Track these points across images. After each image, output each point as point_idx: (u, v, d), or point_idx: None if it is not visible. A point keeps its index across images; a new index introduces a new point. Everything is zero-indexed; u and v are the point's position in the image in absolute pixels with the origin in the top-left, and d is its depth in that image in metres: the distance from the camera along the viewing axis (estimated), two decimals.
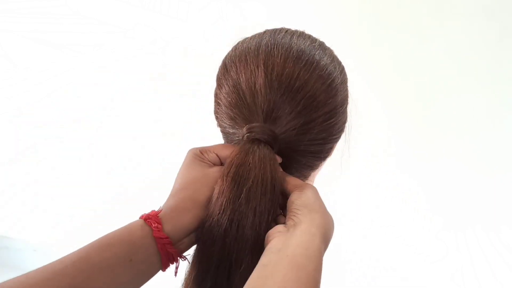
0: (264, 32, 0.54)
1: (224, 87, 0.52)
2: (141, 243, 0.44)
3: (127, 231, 0.45)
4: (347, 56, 0.58)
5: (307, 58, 0.49)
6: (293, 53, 0.49)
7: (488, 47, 1.36)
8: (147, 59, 1.59)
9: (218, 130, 0.56)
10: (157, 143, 1.59)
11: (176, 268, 0.48)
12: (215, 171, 0.49)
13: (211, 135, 0.60)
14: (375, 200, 1.48)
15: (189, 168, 0.50)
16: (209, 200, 0.47)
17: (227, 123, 0.52)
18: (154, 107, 1.59)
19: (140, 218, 0.47)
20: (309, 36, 0.54)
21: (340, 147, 0.55)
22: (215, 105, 0.55)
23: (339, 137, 0.54)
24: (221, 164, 0.52)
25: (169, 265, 0.47)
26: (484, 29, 1.35)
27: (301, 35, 0.53)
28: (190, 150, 0.52)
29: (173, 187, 0.50)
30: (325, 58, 0.51)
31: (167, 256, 0.46)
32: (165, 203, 0.48)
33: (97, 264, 0.42)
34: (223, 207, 0.46)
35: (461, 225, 1.42)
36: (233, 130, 0.52)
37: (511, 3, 1.32)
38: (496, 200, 1.41)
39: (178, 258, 0.47)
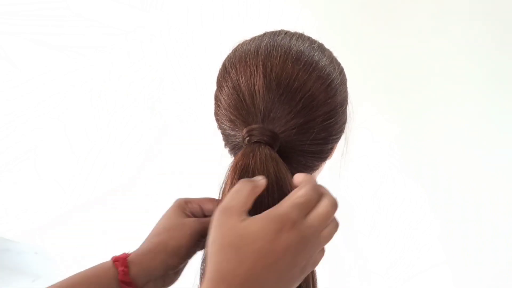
0: (264, 34, 0.55)
1: (224, 89, 0.52)
2: (108, 285, 0.46)
3: (96, 272, 0.47)
4: (346, 57, 0.58)
5: (306, 59, 0.50)
6: (292, 54, 0.50)
7: (489, 50, 1.36)
8: (148, 60, 1.59)
9: (219, 132, 0.56)
10: (160, 145, 1.59)
11: None
12: (192, 221, 0.50)
13: (212, 136, 0.60)
14: (375, 202, 1.48)
15: (168, 216, 0.52)
16: (181, 248, 0.48)
17: (227, 125, 0.52)
18: (158, 108, 1.59)
19: (112, 259, 0.48)
20: (308, 38, 0.54)
21: (339, 148, 0.56)
22: (215, 107, 0.55)
23: (339, 138, 0.54)
24: (204, 216, 0.53)
25: None
26: (484, 32, 1.35)
27: (301, 36, 0.54)
28: (176, 200, 0.54)
29: (150, 232, 0.51)
30: (324, 59, 0.51)
31: None
32: (139, 246, 0.50)
33: None
34: None
35: (462, 229, 1.42)
36: (233, 132, 0.52)
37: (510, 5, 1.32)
38: (496, 200, 1.41)
39: None
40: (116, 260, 0.48)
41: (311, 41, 0.54)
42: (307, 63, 0.50)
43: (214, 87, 0.56)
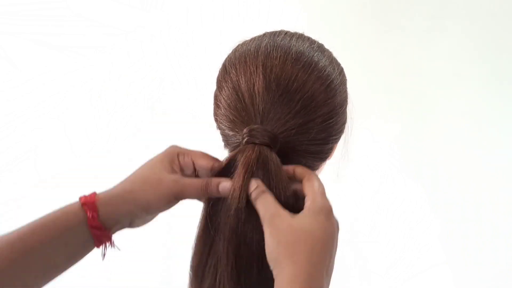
0: (264, 34, 0.55)
1: (224, 89, 0.52)
2: (76, 229, 0.46)
3: (63, 215, 0.47)
4: (346, 57, 0.58)
5: (305, 59, 0.50)
6: (291, 54, 0.50)
7: (489, 50, 1.36)
8: (148, 60, 1.59)
9: (218, 133, 0.56)
10: (160, 145, 1.58)
11: (104, 252, 0.50)
12: (171, 181, 0.49)
13: (213, 136, 0.60)
14: (375, 204, 1.48)
15: (152, 165, 0.51)
16: (150, 204, 0.48)
17: (227, 125, 0.52)
18: (157, 108, 1.59)
19: (80, 199, 0.48)
20: (308, 38, 0.54)
21: (339, 149, 0.56)
22: (214, 108, 0.55)
23: (339, 138, 0.54)
24: (194, 170, 0.51)
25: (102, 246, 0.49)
26: (484, 32, 1.35)
27: (300, 37, 0.54)
28: (170, 147, 0.53)
29: (129, 175, 0.51)
30: (323, 60, 0.51)
31: (100, 241, 0.48)
32: (112, 187, 0.50)
33: (33, 246, 0.45)
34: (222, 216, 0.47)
35: (462, 229, 1.42)
36: (233, 133, 0.52)
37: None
38: (496, 200, 1.41)
39: (112, 243, 0.49)
40: (84, 203, 0.47)
41: (311, 42, 0.53)
42: (306, 63, 0.50)
43: (214, 87, 0.56)
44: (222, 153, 0.54)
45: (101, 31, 1.60)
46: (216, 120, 0.55)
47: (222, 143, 0.56)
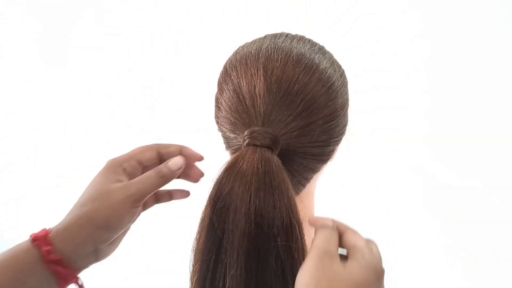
0: (265, 36, 0.55)
1: (225, 91, 0.52)
2: (31, 268, 0.41)
3: (11, 256, 0.42)
4: (346, 58, 0.58)
5: (306, 61, 0.50)
6: (292, 57, 0.50)
7: (489, 50, 1.36)
8: (148, 60, 1.59)
9: (218, 134, 0.56)
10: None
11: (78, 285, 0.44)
12: (119, 188, 0.46)
13: (213, 136, 0.60)
14: (375, 202, 1.48)
15: (95, 182, 0.48)
16: (108, 220, 0.44)
17: (228, 127, 0.52)
18: (157, 108, 1.59)
19: (30, 237, 0.43)
20: (309, 40, 0.54)
21: (341, 149, 0.56)
22: (215, 110, 0.55)
23: (340, 140, 0.54)
24: (144, 170, 0.49)
25: (68, 285, 0.44)
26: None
27: (301, 39, 0.54)
28: (107, 162, 0.50)
29: (75, 203, 0.47)
30: (324, 62, 0.51)
31: (63, 279, 0.42)
32: (62, 219, 0.45)
33: None
34: (220, 220, 0.46)
35: (462, 229, 1.42)
36: (234, 135, 0.52)
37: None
38: (496, 200, 1.41)
39: (77, 280, 0.44)
40: (35, 239, 0.42)
41: (312, 44, 0.54)
42: (307, 65, 0.50)
43: (214, 87, 0.56)
44: (223, 155, 0.55)
45: (101, 31, 1.60)
46: (217, 122, 0.55)
47: (223, 145, 0.56)
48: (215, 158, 0.53)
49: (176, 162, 0.48)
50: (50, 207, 1.69)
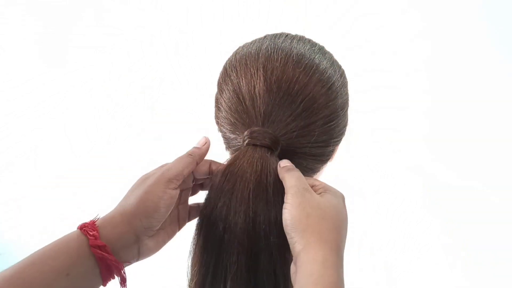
0: (265, 37, 0.55)
1: (225, 92, 0.52)
2: (78, 255, 0.42)
3: (63, 242, 0.43)
4: (346, 59, 0.58)
5: (306, 62, 0.50)
6: (292, 57, 0.50)
7: (488, 50, 1.36)
8: (148, 60, 1.59)
9: (219, 134, 0.56)
10: (160, 145, 1.59)
11: (123, 282, 0.45)
12: (154, 173, 0.47)
13: (213, 136, 0.60)
14: (375, 202, 1.48)
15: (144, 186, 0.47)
16: (143, 204, 0.44)
17: (228, 128, 0.52)
18: (158, 108, 1.59)
19: (78, 227, 0.44)
20: (309, 41, 0.54)
21: (340, 149, 0.56)
22: (215, 110, 0.55)
23: (340, 140, 0.54)
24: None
25: (110, 279, 0.44)
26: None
27: (301, 39, 0.53)
28: (157, 177, 0.47)
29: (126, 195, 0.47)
30: (324, 62, 0.51)
31: (107, 267, 0.43)
32: (108, 212, 0.46)
33: (32, 280, 0.39)
34: (218, 219, 0.46)
35: (462, 229, 1.42)
36: (234, 136, 0.52)
37: None
38: (496, 200, 1.41)
39: (120, 270, 0.44)
40: (83, 227, 0.43)
41: (312, 44, 0.53)
42: (307, 66, 0.49)
43: (214, 87, 0.56)
44: (223, 155, 0.54)
45: (101, 31, 1.60)
46: (217, 123, 0.55)
47: (224, 145, 0.56)
48: (215, 158, 0.53)
49: (200, 140, 0.50)
50: (50, 207, 1.69)
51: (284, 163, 0.48)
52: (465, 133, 1.42)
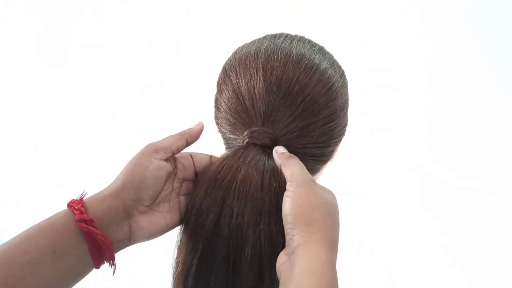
0: (264, 37, 0.55)
1: (224, 92, 0.52)
2: (64, 231, 0.40)
3: (49, 220, 0.41)
4: (346, 59, 0.58)
5: (306, 62, 0.50)
6: (292, 57, 0.49)
7: (488, 51, 1.36)
8: (148, 60, 1.59)
9: (219, 134, 0.56)
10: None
11: (112, 264, 0.43)
12: (162, 163, 0.46)
13: (213, 136, 0.60)
14: (375, 202, 1.48)
15: (133, 161, 0.47)
16: (130, 175, 0.44)
17: (228, 128, 0.52)
18: (158, 108, 1.59)
19: (67, 204, 0.43)
20: (309, 41, 0.54)
21: (340, 150, 0.55)
22: (215, 111, 0.55)
23: (339, 141, 0.54)
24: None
25: (102, 261, 0.42)
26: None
27: (301, 39, 0.53)
28: (144, 148, 0.48)
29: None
30: (324, 62, 0.51)
31: (95, 244, 0.41)
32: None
33: (17, 258, 0.38)
34: (208, 208, 0.46)
35: (462, 229, 1.42)
36: (234, 136, 0.52)
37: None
38: (496, 200, 1.41)
39: (109, 247, 0.42)
40: (71, 203, 0.42)
41: (312, 44, 0.53)
42: (307, 66, 0.49)
43: (214, 87, 0.56)
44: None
45: (101, 31, 1.60)
46: (217, 123, 0.55)
47: (223, 146, 0.55)
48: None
49: (194, 122, 0.50)
50: (50, 207, 1.69)
51: (281, 149, 0.47)
52: (465, 133, 1.42)
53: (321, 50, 0.53)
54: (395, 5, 1.40)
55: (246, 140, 0.48)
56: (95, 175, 1.65)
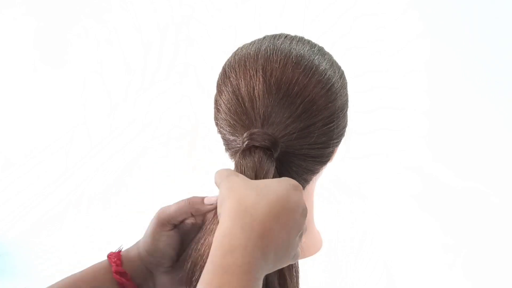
0: (264, 38, 0.54)
1: (224, 93, 0.52)
2: (104, 279, 0.48)
3: (92, 270, 0.49)
4: (346, 60, 0.58)
5: (306, 63, 0.50)
6: (292, 58, 0.49)
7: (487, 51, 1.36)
8: (149, 59, 1.59)
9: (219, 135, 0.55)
10: (160, 145, 1.58)
11: None
12: (170, 234, 0.50)
13: (213, 136, 0.60)
14: (375, 202, 1.48)
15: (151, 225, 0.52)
16: (146, 244, 0.50)
17: (227, 130, 0.52)
18: (158, 108, 1.59)
19: (107, 256, 0.50)
20: (309, 41, 0.54)
21: (340, 151, 0.55)
22: (214, 112, 0.55)
23: (339, 141, 0.54)
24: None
25: None
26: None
27: (301, 40, 0.53)
28: (156, 215, 0.52)
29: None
30: (324, 63, 0.51)
31: None
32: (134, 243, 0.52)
33: None
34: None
35: (462, 229, 1.42)
36: (233, 137, 0.51)
37: None
38: (496, 200, 1.41)
39: None
40: (110, 255, 0.49)
41: (311, 45, 0.53)
42: (307, 67, 0.49)
43: (214, 88, 0.56)
44: (223, 155, 0.54)
45: (102, 31, 1.60)
46: (216, 124, 0.55)
47: (223, 147, 0.55)
48: (216, 159, 0.53)
49: (211, 198, 0.50)
50: (50, 207, 1.69)
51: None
52: (465, 133, 1.42)
53: (321, 51, 0.53)
54: (395, 5, 1.40)
55: (246, 142, 0.48)
56: (95, 175, 1.65)
